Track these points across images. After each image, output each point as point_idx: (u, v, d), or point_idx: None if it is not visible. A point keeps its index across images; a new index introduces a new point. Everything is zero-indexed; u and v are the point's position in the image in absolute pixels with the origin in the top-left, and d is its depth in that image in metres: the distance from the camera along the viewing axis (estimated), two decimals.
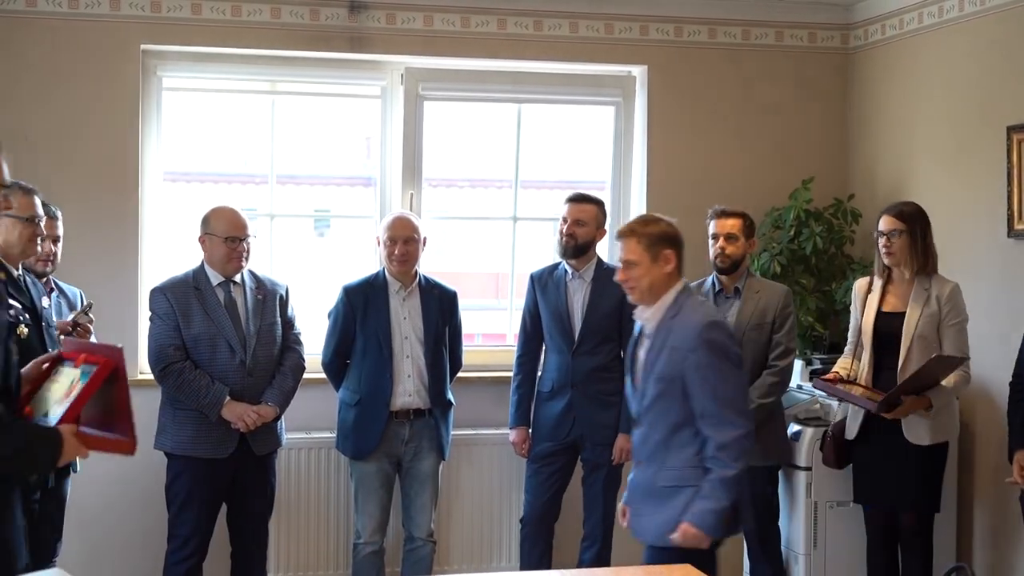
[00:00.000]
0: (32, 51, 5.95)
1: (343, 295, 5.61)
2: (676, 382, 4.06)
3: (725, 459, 4.00)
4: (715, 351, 4.03)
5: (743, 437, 4.02)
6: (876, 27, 6.60)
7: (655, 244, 4.14)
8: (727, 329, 4.21)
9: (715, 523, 4.01)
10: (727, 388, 4.04)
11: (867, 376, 5.29)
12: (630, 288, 4.19)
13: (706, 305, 4.33)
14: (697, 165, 6.63)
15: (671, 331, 4.10)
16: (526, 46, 6.47)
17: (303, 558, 6.19)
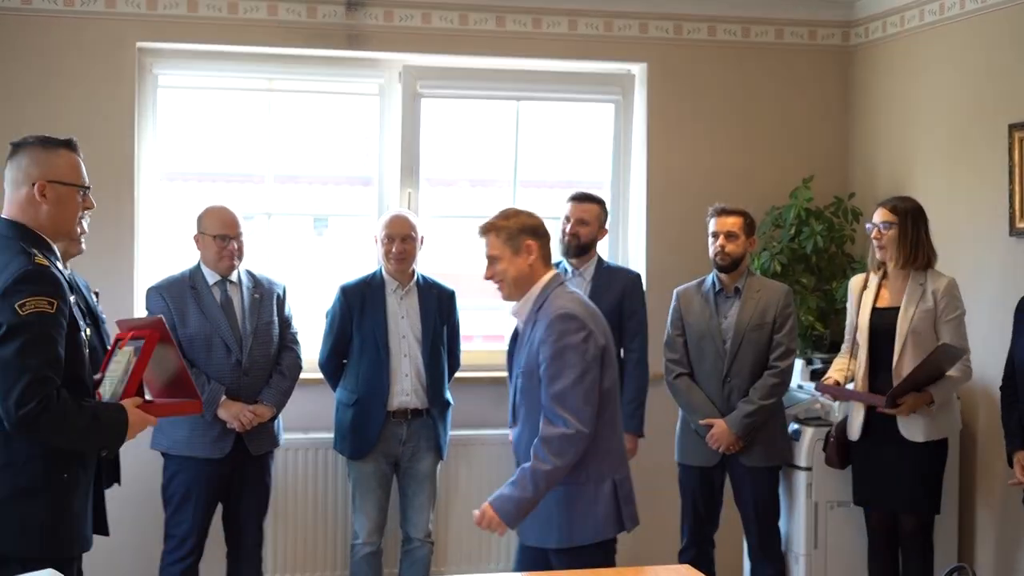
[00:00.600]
0: (27, 48, 5.93)
1: (340, 294, 5.59)
2: (534, 377, 4.02)
3: (545, 451, 3.92)
4: (561, 344, 3.95)
5: (569, 436, 3.92)
6: (877, 24, 6.57)
7: (515, 236, 4.10)
8: (581, 322, 4.01)
9: (515, 513, 3.95)
10: (565, 383, 3.93)
11: (864, 373, 5.27)
12: (498, 284, 4.15)
13: (571, 296, 4.14)
14: (697, 163, 6.61)
15: (535, 324, 4.05)
16: (525, 43, 6.45)
17: (301, 559, 6.17)
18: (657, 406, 5.94)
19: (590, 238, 5.64)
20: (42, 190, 3.55)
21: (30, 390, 3.30)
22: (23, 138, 3.64)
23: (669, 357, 5.64)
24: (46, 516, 3.45)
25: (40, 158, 3.58)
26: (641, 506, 6.30)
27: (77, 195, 3.63)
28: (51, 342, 3.38)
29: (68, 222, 3.63)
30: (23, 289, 3.36)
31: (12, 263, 3.42)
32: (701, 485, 5.62)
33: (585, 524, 4.06)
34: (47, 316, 3.37)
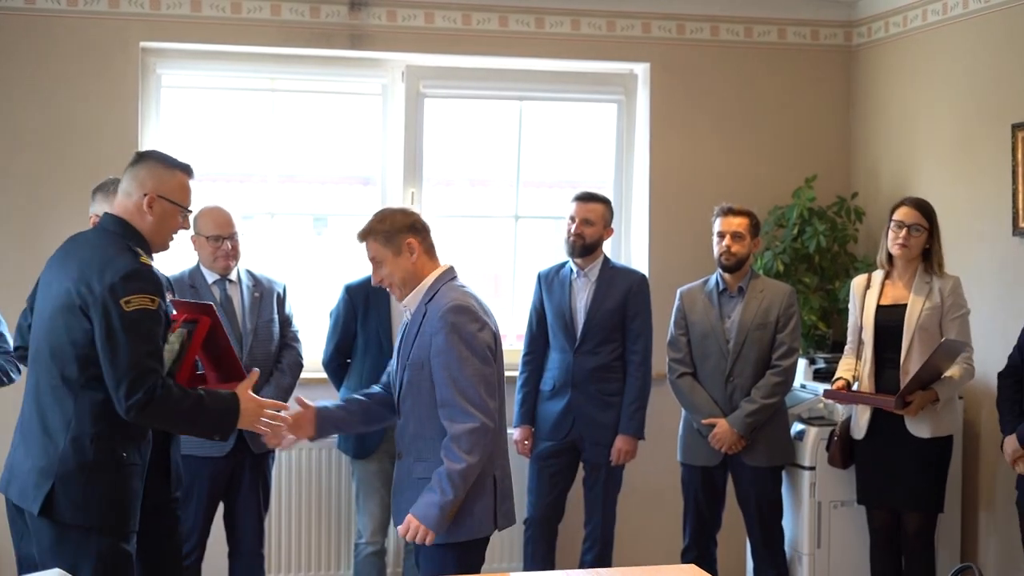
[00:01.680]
0: (31, 48, 5.93)
1: (344, 293, 5.59)
2: (424, 369, 3.95)
3: (456, 450, 3.86)
4: (456, 336, 3.90)
5: (477, 430, 3.87)
6: (879, 24, 6.57)
7: (393, 237, 4.04)
8: (475, 315, 3.98)
9: (439, 518, 3.88)
10: (465, 376, 3.89)
11: (870, 372, 5.27)
12: (389, 287, 4.11)
13: (462, 290, 4.07)
14: (699, 163, 6.61)
15: (425, 316, 3.99)
16: (527, 43, 6.45)
17: (304, 558, 6.18)
18: (660, 406, 5.95)
19: (595, 238, 5.64)
20: (151, 202, 3.76)
21: (138, 381, 3.54)
22: (148, 151, 3.92)
23: (672, 356, 5.64)
24: (108, 491, 3.63)
25: (157, 173, 3.80)
26: (644, 506, 6.38)
27: (179, 215, 3.84)
28: (154, 336, 3.63)
29: (165, 237, 3.86)
30: (130, 286, 3.57)
31: (119, 259, 3.63)
32: (704, 485, 5.62)
33: (462, 520, 3.96)
34: (150, 312, 3.60)
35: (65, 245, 3.89)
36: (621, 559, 6.03)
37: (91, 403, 3.62)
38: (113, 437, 3.64)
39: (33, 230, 5.94)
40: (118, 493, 3.66)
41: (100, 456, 3.62)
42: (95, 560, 3.60)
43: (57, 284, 3.70)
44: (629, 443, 5.65)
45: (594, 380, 5.65)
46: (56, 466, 3.60)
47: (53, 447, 3.61)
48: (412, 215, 4.13)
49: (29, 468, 3.65)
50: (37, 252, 5.84)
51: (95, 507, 3.61)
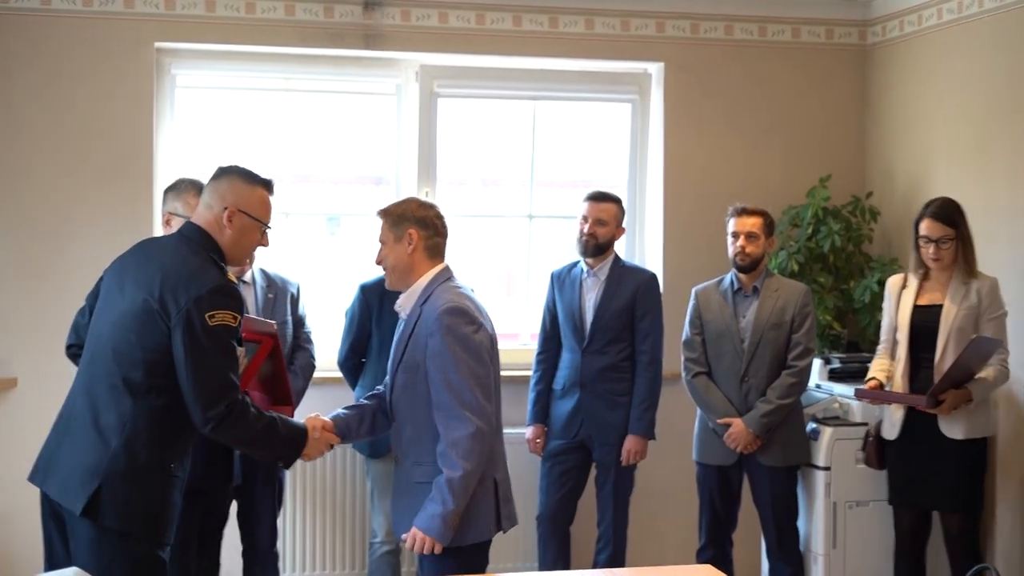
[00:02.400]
0: (46, 49, 5.94)
1: (359, 293, 5.59)
2: (420, 371, 3.91)
3: (453, 458, 3.82)
4: (451, 338, 3.86)
5: (472, 436, 3.83)
6: (894, 23, 6.55)
7: (398, 223, 4.02)
8: (471, 316, 3.93)
9: (443, 528, 3.84)
10: (460, 378, 3.85)
11: (904, 372, 5.23)
12: (384, 270, 4.09)
13: (459, 292, 4.01)
14: (714, 162, 6.60)
15: (420, 317, 3.95)
16: (541, 43, 6.44)
17: (319, 557, 6.18)
18: (674, 406, 5.94)
19: (608, 238, 5.65)
20: (231, 216, 3.80)
21: (220, 395, 3.61)
22: (230, 165, 3.89)
23: (687, 356, 5.64)
24: (152, 498, 3.65)
25: (238, 187, 3.83)
26: (659, 505, 6.38)
27: (259, 230, 3.87)
28: (234, 353, 3.70)
29: (243, 251, 3.91)
30: (216, 301, 3.62)
31: (206, 272, 3.67)
32: (719, 484, 5.62)
33: (465, 524, 3.92)
34: (231, 329, 3.65)
35: (139, 249, 3.89)
36: (636, 559, 6.02)
37: (149, 408, 3.62)
38: (164, 446, 3.66)
39: (49, 229, 5.96)
40: (161, 501, 3.67)
41: (150, 462, 3.63)
42: (131, 566, 3.61)
43: (133, 288, 3.68)
44: (638, 443, 5.64)
45: (603, 380, 5.65)
46: (105, 466, 3.58)
47: (104, 446, 3.60)
48: (429, 209, 4.08)
49: (74, 464, 3.63)
50: (55, 252, 5.91)
51: (139, 513, 3.61)
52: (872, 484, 5.59)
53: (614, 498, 5.73)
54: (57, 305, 5.39)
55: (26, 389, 5.90)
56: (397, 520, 4.10)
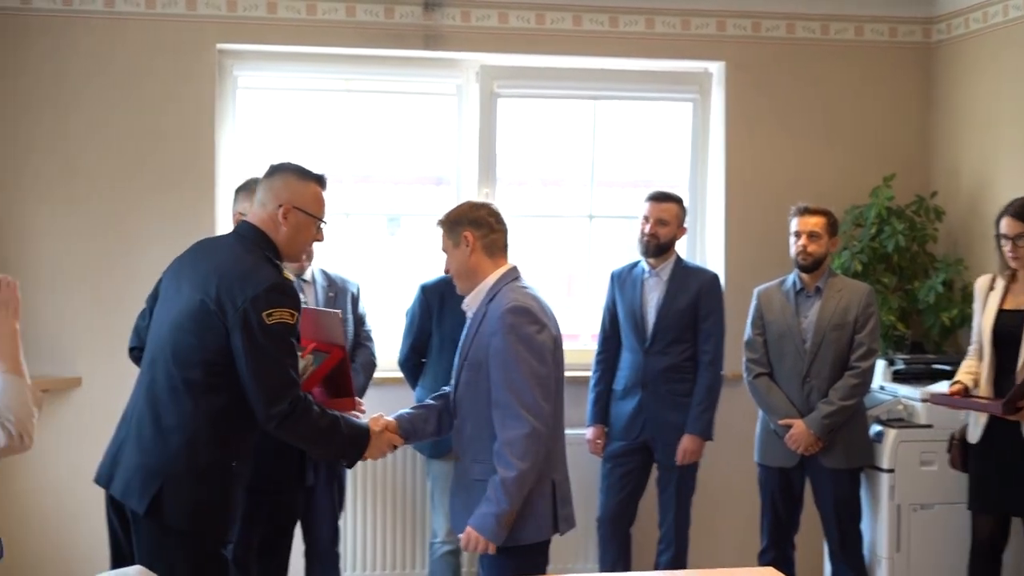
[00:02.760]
0: (109, 51, 6.01)
1: (420, 293, 5.60)
2: (482, 370, 3.90)
3: (508, 457, 3.80)
4: (514, 337, 3.84)
5: (528, 436, 3.80)
6: (959, 21, 6.47)
7: (453, 228, 4.02)
8: (534, 316, 3.90)
9: (496, 528, 3.83)
10: (521, 378, 3.83)
11: (988, 377, 5.12)
12: (453, 277, 4.09)
13: (524, 291, 3.99)
14: (776, 162, 6.55)
15: (485, 316, 3.95)
16: (601, 42, 6.42)
17: (380, 557, 6.21)
18: (736, 407, 5.91)
19: (669, 238, 5.62)
20: (285, 213, 3.82)
21: (283, 392, 3.63)
22: (282, 163, 3.91)
23: (749, 357, 5.60)
24: (214, 497, 3.68)
25: (292, 184, 3.84)
26: (720, 507, 6.35)
27: (314, 226, 3.89)
28: (293, 351, 3.72)
29: (299, 247, 3.93)
30: (273, 300, 3.63)
31: (262, 270, 3.68)
32: (781, 486, 5.58)
33: (523, 524, 3.91)
34: (289, 327, 3.67)
35: (195, 249, 3.92)
36: (697, 561, 5.98)
37: (210, 408, 3.65)
38: (226, 445, 3.69)
39: (113, 231, 6.02)
40: (223, 500, 3.70)
41: (211, 461, 3.65)
42: (194, 564, 3.63)
43: (189, 288, 3.71)
44: (695, 443, 5.61)
45: (665, 380, 5.62)
46: (167, 466, 3.62)
47: (165, 446, 3.63)
48: (481, 209, 4.08)
49: (137, 465, 3.66)
50: (120, 253, 5.97)
51: (201, 512, 3.64)
52: (938, 487, 5.53)
53: (676, 499, 5.71)
54: (120, 306, 5.45)
55: (90, 389, 5.96)
56: (455, 517, 4.12)
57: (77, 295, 5.99)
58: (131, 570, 3.17)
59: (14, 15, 5.94)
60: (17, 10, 5.94)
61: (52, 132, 5.98)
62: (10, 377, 3.14)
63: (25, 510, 6.00)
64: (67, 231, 6.00)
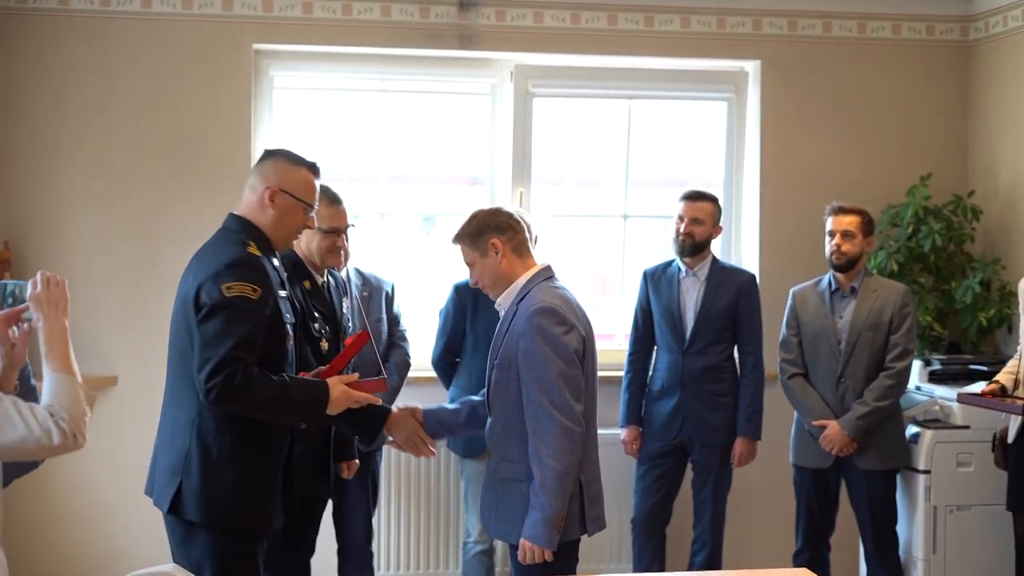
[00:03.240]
0: (147, 51, 6.04)
1: (453, 293, 5.60)
2: (511, 369, 3.89)
3: (544, 458, 3.79)
4: (541, 338, 3.82)
5: (561, 435, 3.78)
6: (997, 19, 6.43)
7: (477, 238, 3.99)
8: (561, 317, 3.87)
9: (547, 533, 3.79)
10: (549, 378, 3.81)
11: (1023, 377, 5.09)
12: (484, 288, 4.06)
13: (554, 291, 3.97)
14: (812, 162, 6.52)
15: (515, 316, 3.93)
16: (637, 42, 6.41)
17: (413, 556, 6.21)
18: (770, 407, 5.88)
19: (704, 237, 5.60)
20: (272, 196, 3.82)
21: (219, 366, 3.54)
22: (276, 148, 3.95)
23: (784, 357, 5.58)
24: (232, 490, 3.67)
25: (281, 168, 3.85)
26: (755, 507, 6.31)
27: (302, 211, 3.86)
28: (247, 325, 3.61)
29: (286, 232, 3.89)
30: (233, 272, 3.62)
31: (228, 251, 3.69)
32: (816, 487, 5.55)
33: None
34: (249, 301, 3.61)
35: (197, 251, 3.93)
36: (731, 561, 5.97)
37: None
38: (240, 435, 3.68)
39: (149, 230, 6.06)
40: (243, 492, 3.70)
41: (222, 455, 3.66)
42: (216, 560, 3.65)
43: (181, 288, 3.76)
44: (748, 446, 5.61)
45: (704, 380, 5.60)
46: (182, 463, 3.66)
47: (180, 444, 3.68)
48: (499, 214, 4.06)
49: (162, 467, 3.74)
50: (155, 253, 6.01)
51: (219, 505, 3.65)
52: (975, 488, 5.50)
53: (712, 500, 5.69)
54: (156, 305, 5.49)
55: (126, 388, 6.00)
56: (484, 514, 4.12)
57: (112, 295, 6.03)
58: (166, 567, 3.18)
59: (50, 16, 5.98)
60: (53, 11, 5.98)
61: (88, 133, 6.02)
62: (62, 376, 3.17)
63: (63, 507, 6.05)
64: (102, 231, 6.04)
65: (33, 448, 3.07)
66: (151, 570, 3.15)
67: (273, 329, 3.73)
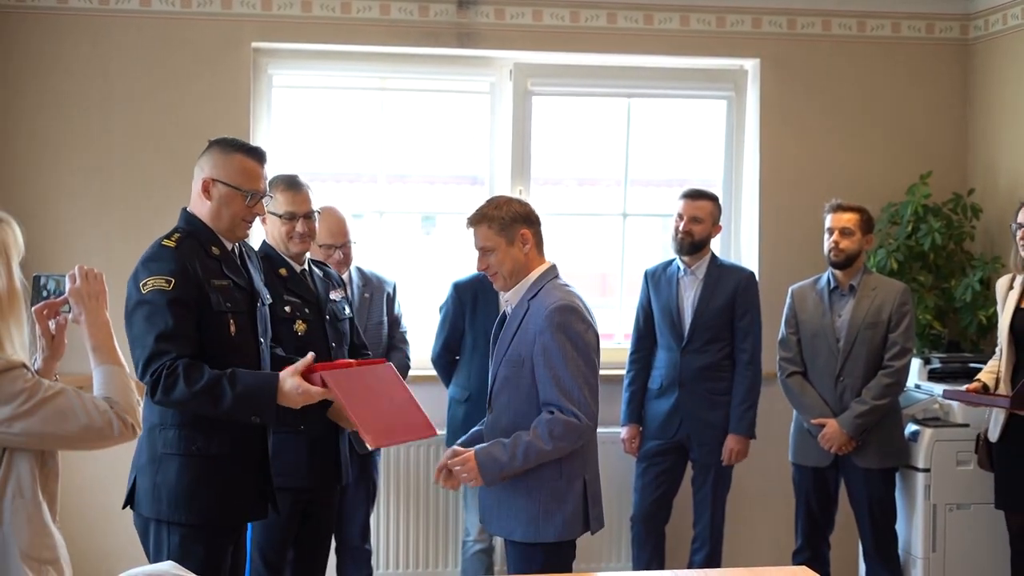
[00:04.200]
0: (145, 50, 6.04)
1: (453, 291, 5.61)
2: (524, 366, 3.91)
3: (546, 432, 3.82)
4: (563, 335, 3.85)
5: (574, 427, 3.83)
6: (997, 17, 6.42)
7: (509, 226, 3.98)
8: (581, 315, 3.94)
9: (494, 474, 3.86)
10: (569, 376, 3.85)
11: (1006, 376, 5.09)
12: (493, 276, 4.05)
13: (567, 290, 4.02)
14: (811, 160, 6.52)
15: (527, 312, 3.94)
16: (636, 40, 6.41)
17: (412, 554, 6.21)
18: (769, 406, 5.88)
19: (704, 235, 5.60)
20: (206, 187, 3.79)
21: (147, 363, 3.57)
22: (216, 138, 3.89)
23: (782, 355, 5.58)
24: (178, 483, 3.66)
25: (214, 157, 3.82)
26: (754, 506, 6.31)
27: (240, 198, 3.78)
28: (167, 316, 3.58)
29: (228, 222, 3.82)
30: (147, 268, 3.65)
31: (148, 249, 3.71)
32: (815, 486, 5.55)
33: (553, 521, 3.93)
34: (164, 292, 3.59)
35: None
36: (731, 560, 5.98)
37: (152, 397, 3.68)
38: (180, 428, 3.67)
39: (150, 229, 6.00)
40: (189, 485, 3.67)
41: (167, 448, 3.68)
42: (168, 553, 3.64)
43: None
44: (740, 443, 5.60)
45: (702, 379, 5.60)
46: (137, 459, 3.77)
47: (138, 442, 3.74)
48: (527, 205, 4.09)
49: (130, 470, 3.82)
50: None
51: (165, 499, 3.67)
52: (974, 487, 5.49)
53: (712, 498, 5.70)
54: None
55: None
56: (486, 512, 4.11)
57: (111, 294, 5.99)
58: (163, 565, 3.18)
59: (49, 15, 5.98)
60: (52, 9, 5.98)
61: (87, 131, 6.02)
62: (111, 368, 3.17)
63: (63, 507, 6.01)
64: (100, 229, 6.04)
65: (94, 439, 3.06)
66: (148, 569, 3.15)
67: (207, 318, 3.67)
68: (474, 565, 5.69)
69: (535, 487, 3.93)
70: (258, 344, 3.85)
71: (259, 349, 3.85)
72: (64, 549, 2.97)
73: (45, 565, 2.88)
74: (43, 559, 2.88)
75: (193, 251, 3.71)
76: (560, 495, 3.93)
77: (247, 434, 3.78)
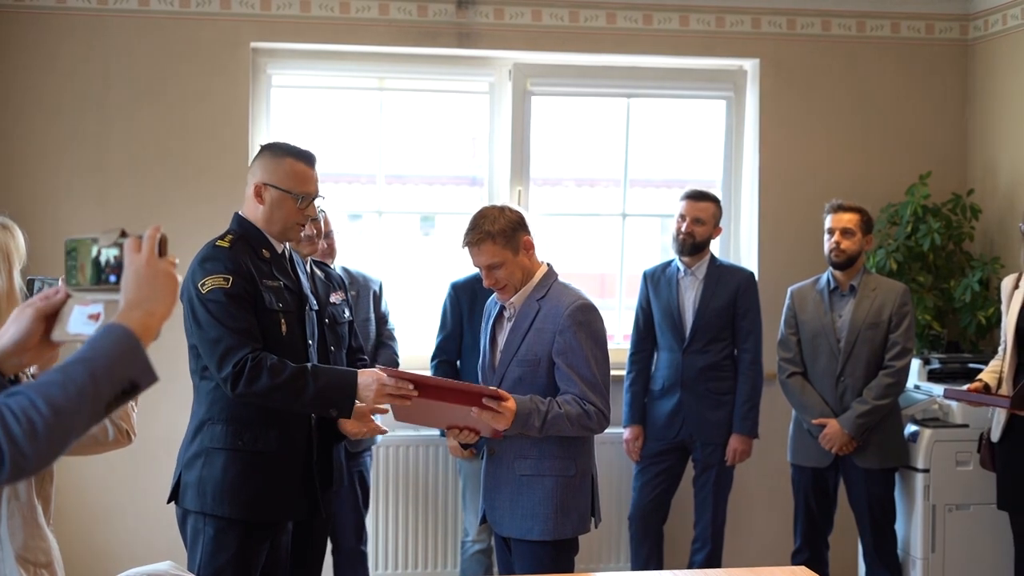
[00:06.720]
0: (143, 50, 6.03)
1: (451, 291, 5.60)
2: (540, 365, 3.92)
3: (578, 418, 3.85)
4: (584, 334, 3.89)
5: (599, 418, 3.88)
6: (996, 17, 6.42)
7: (512, 236, 3.97)
8: (600, 315, 4.00)
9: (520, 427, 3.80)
10: (593, 374, 3.89)
11: (1008, 375, 5.07)
12: (502, 289, 4.02)
13: (577, 289, 4.05)
14: (811, 160, 6.51)
15: (537, 312, 3.95)
16: (635, 40, 6.40)
17: (411, 555, 6.20)
18: (770, 406, 5.88)
19: (705, 237, 5.61)
20: (258, 191, 3.84)
21: (225, 358, 3.64)
22: (268, 143, 3.98)
23: (782, 356, 5.58)
24: (222, 478, 3.73)
25: (264, 162, 3.87)
26: (754, 506, 6.31)
27: (292, 201, 3.83)
28: (234, 311, 3.68)
29: (281, 225, 3.87)
30: (204, 269, 3.72)
31: (203, 250, 3.78)
32: (814, 486, 5.55)
33: (569, 518, 3.96)
34: (225, 291, 3.68)
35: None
36: (731, 560, 5.97)
37: (205, 391, 3.78)
38: (228, 423, 3.75)
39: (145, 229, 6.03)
40: (234, 480, 3.73)
41: (214, 442, 3.75)
42: (202, 545, 3.73)
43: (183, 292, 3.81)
44: (744, 442, 5.60)
45: (704, 379, 5.60)
46: (183, 453, 3.82)
47: (186, 437, 3.85)
48: (516, 210, 4.07)
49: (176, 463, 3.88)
50: None
51: (208, 492, 3.72)
52: (973, 487, 5.49)
53: (713, 499, 5.69)
54: None
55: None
56: (495, 512, 4.08)
57: None
58: (162, 565, 3.19)
59: (48, 14, 5.97)
60: (51, 9, 5.97)
61: (85, 130, 6.01)
62: None
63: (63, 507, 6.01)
64: (97, 228, 6.01)
65: (89, 444, 3.07)
66: (147, 568, 3.15)
67: (259, 317, 3.75)
68: (473, 566, 5.68)
69: (551, 486, 3.94)
70: (306, 346, 3.92)
71: (307, 351, 3.91)
72: (57, 552, 2.97)
73: (40, 568, 2.87)
74: (38, 562, 2.87)
75: (245, 252, 3.80)
76: (575, 491, 3.97)
77: (294, 433, 3.84)
